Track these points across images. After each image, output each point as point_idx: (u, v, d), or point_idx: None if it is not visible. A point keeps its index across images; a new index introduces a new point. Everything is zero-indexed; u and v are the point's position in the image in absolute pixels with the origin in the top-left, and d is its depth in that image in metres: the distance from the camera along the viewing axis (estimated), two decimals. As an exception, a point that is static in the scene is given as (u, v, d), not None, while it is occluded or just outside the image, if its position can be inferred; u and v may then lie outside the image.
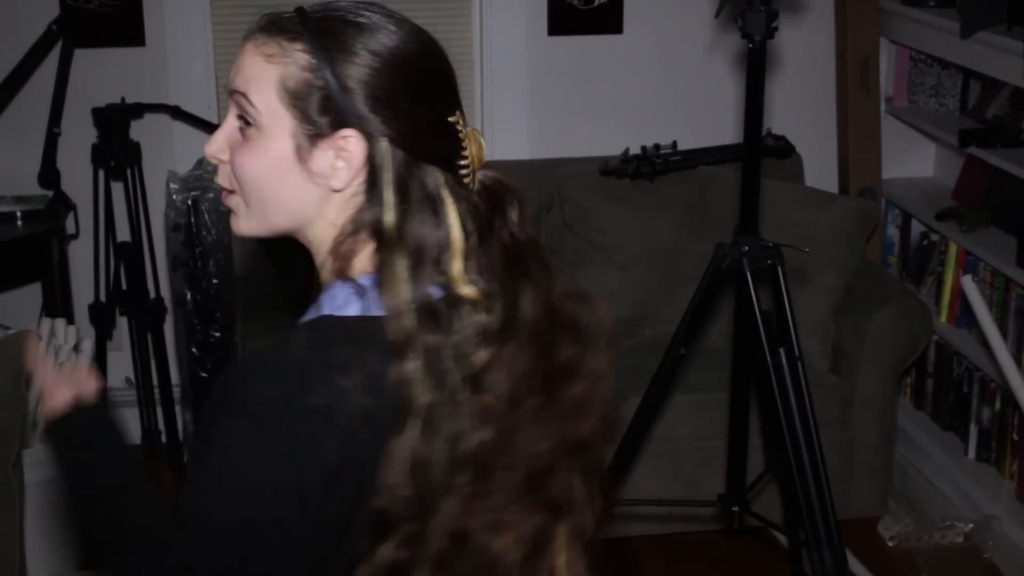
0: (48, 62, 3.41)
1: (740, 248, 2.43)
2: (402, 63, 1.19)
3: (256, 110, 1.22)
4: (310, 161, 1.20)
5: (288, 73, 1.20)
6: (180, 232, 3.04)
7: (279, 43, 1.22)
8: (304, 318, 1.21)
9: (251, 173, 1.22)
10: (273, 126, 1.21)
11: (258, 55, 1.23)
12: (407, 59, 1.20)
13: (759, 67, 2.36)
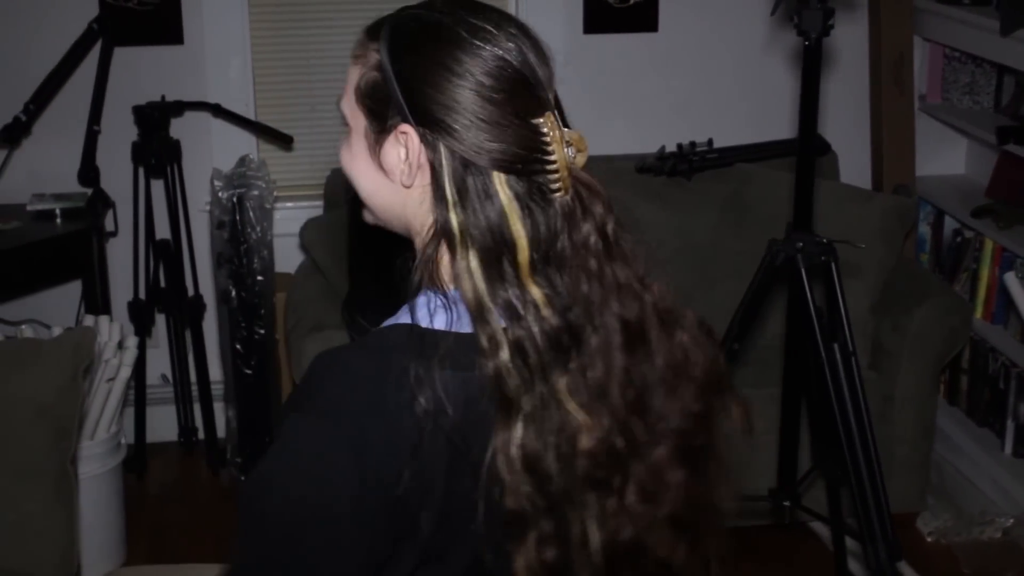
0: (88, 61, 3.43)
1: (794, 244, 2.44)
2: (467, 63, 1.17)
3: (342, 110, 1.25)
4: (380, 157, 1.21)
5: (362, 72, 1.22)
6: (224, 229, 3.05)
7: (363, 43, 1.24)
8: (388, 322, 1.21)
9: (344, 170, 1.26)
10: (355, 125, 1.23)
11: (351, 57, 1.25)
12: (473, 60, 1.17)
13: (815, 65, 2.38)
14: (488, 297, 1.14)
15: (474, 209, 1.15)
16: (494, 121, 1.15)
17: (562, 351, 1.15)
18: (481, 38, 1.17)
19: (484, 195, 1.15)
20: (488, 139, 1.15)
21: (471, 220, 1.14)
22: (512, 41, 1.18)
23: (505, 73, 1.17)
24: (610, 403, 1.18)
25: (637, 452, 1.19)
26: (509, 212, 1.15)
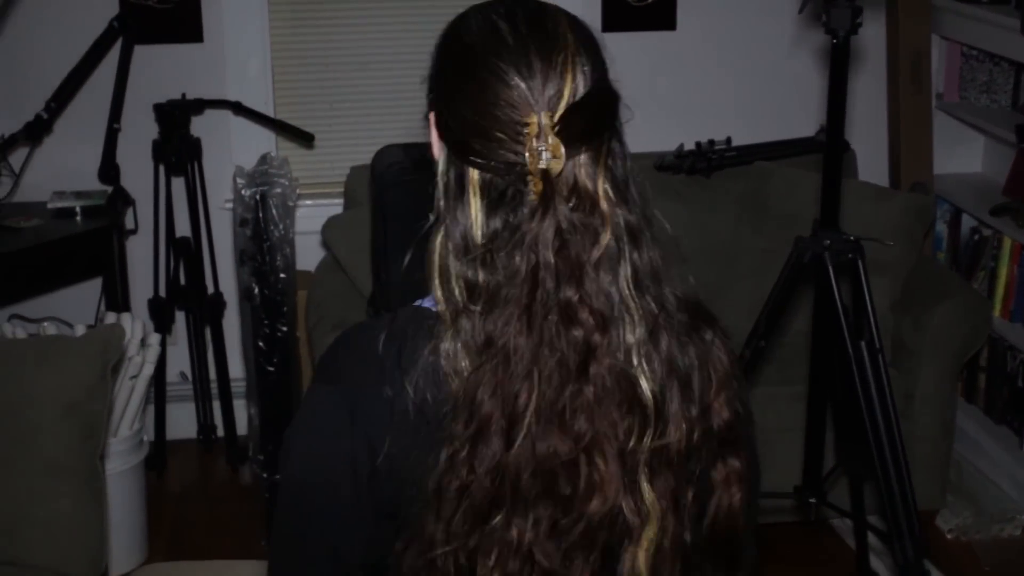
0: (108, 59, 3.43)
1: (822, 242, 2.44)
2: (466, 59, 1.18)
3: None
4: (433, 144, 1.24)
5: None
6: (247, 227, 3.05)
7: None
8: (416, 302, 1.25)
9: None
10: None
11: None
12: (473, 55, 1.17)
13: (843, 62, 2.38)
14: (438, 277, 1.17)
15: (449, 195, 1.18)
16: (478, 123, 1.15)
17: (494, 347, 1.13)
18: (498, 32, 1.17)
19: (457, 184, 1.17)
20: (467, 133, 1.15)
21: (447, 205, 1.18)
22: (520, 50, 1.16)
23: (502, 73, 1.15)
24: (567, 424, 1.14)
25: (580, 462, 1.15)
26: (471, 204, 1.16)
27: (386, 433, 1.16)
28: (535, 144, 1.12)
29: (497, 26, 1.18)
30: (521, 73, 1.14)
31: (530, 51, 1.15)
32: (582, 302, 1.13)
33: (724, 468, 1.23)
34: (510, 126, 1.13)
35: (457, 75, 1.18)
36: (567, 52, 1.15)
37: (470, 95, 1.16)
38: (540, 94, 1.13)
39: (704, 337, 1.23)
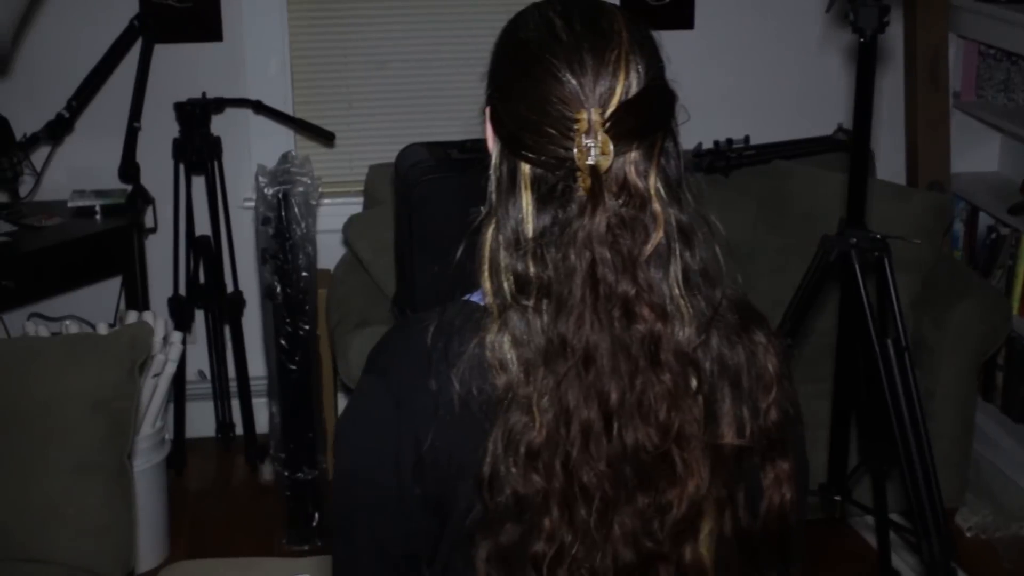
0: (128, 58, 3.44)
1: (848, 240, 2.45)
2: (520, 55, 1.19)
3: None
4: (488, 138, 1.25)
5: None
6: (269, 225, 3.06)
7: None
8: (465, 296, 1.26)
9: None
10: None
11: None
12: (528, 51, 1.18)
13: (870, 61, 2.38)
14: (488, 271, 1.18)
15: (502, 189, 1.19)
16: (530, 118, 1.16)
17: (552, 342, 1.14)
18: (548, 47, 1.18)
19: (511, 182, 1.18)
20: (519, 128, 1.17)
21: (499, 199, 1.19)
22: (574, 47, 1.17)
23: (555, 70, 1.16)
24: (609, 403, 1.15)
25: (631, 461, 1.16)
26: (523, 200, 1.17)
27: (431, 425, 1.17)
28: (584, 140, 1.13)
29: (552, 23, 1.19)
30: (573, 70, 1.15)
31: (583, 48, 1.16)
32: (639, 296, 1.14)
33: (773, 469, 1.24)
34: (561, 122, 1.14)
35: (512, 71, 1.19)
36: (621, 50, 1.16)
37: (523, 91, 1.17)
38: (591, 91, 1.14)
39: (754, 338, 1.23)
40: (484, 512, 1.16)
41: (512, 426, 1.14)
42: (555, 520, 1.14)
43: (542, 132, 1.15)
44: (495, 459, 1.14)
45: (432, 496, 1.20)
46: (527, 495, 1.14)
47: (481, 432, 1.16)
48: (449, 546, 1.21)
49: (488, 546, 1.16)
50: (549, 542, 1.14)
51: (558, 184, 1.16)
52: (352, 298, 3.21)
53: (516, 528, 1.15)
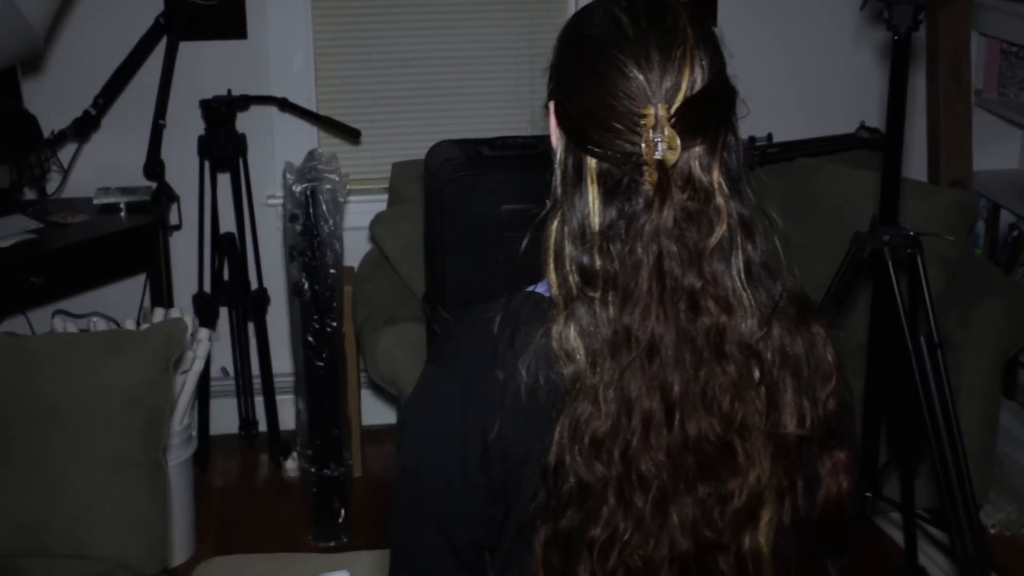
0: (154, 55, 3.45)
1: (881, 237, 2.45)
2: (587, 50, 1.20)
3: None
4: (551, 133, 1.27)
5: None
6: (297, 222, 3.06)
7: None
8: (529, 288, 1.28)
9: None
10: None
11: None
12: (594, 47, 1.20)
13: (903, 59, 2.39)
14: (554, 264, 1.20)
15: (567, 183, 1.21)
16: (597, 113, 1.18)
17: (617, 333, 1.16)
18: (615, 42, 1.19)
19: (576, 176, 1.20)
20: (585, 123, 1.18)
21: (564, 193, 1.21)
22: (640, 43, 1.18)
23: (618, 64, 1.17)
24: (671, 393, 1.16)
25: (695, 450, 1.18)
26: (589, 193, 1.18)
27: (498, 414, 1.19)
28: (651, 135, 1.14)
29: (618, 19, 1.20)
30: (640, 65, 1.16)
31: (650, 44, 1.17)
32: (704, 289, 1.16)
33: (830, 458, 1.26)
34: (627, 117, 1.16)
35: (578, 66, 1.21)
36: (686, 46, 1.17)
37: (590, 85, 1.18)
38: (658, 86, 1.16)
39: (812, 330, 1.25)
40: (547, 499, 1.18)
41: (578, 415, 1.16)
42: (611, 507, 1.16)
43: (608, 127, 1.16)
44: (560, 448, 1.16)
45: (497, 484, 1.21)
46: (590, 482, 1.15)
47: (547, 421, 1.18)
48: (512, 533, 1.23)
49: (548, 531, 1.18)
50: (604, 528, 1.16)
51: (624, 178, 1.17)
52: (379, 295, 3.22)
53: (577, 514, 1.17)
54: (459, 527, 1.24)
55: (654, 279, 1.14)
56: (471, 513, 1.23)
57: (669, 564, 1.17)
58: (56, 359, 2.43)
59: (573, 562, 1.17)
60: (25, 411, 2.38)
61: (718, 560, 1.19)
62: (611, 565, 1.16)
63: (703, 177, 1.17)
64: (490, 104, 3.80)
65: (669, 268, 1.14)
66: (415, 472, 1.26)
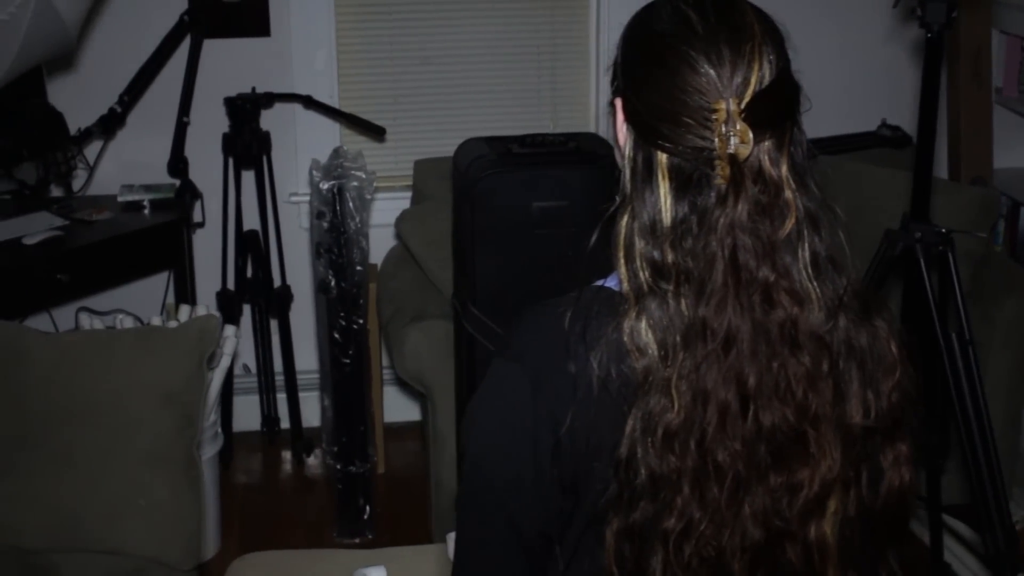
0: (178, 53, 3.45)
1: (912, 234, 2.46)
2: (656, 47, 1.21)
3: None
4: (616, 132, 1.29)
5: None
6: (324, 219, 3.07)
7: None
8: (596, 283, 1.29)
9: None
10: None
11: None
12: (664, 43, 1.20)
13: (937, 56, 2.39)
14: (624, 260, 1.21)
15: (637, 179, 1.22)
16: (667, 108, 1.19)
17: (692, 327, 1.17)
18: (685, 38, 1.20)
19: (647, 171, 1.21)
20: (654, 118, 1.19)
21: (634, 189, 1.22)
22: (710, 38, 1.19)
23: (689, 58, 1.19)
24: (748, 384, 1.18)
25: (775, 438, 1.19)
26: (660, 188, 1.20)
27: (569, 407, 1.20)
28: (724, 129, 1.16)
29: (687, 15, 1.21)
30: (711, 60, 1.18)
31: (720, 40, 1.18)
32: (777, 282, 1.17)
33: (893, 451, 1.28)
34: (699, 112, 1.17)
35: (647, 63, 1.21)
36: (754, 42, 1.19)
37: (660, 82, 1.19)
38: (728, 81, 1.17)
39: (875, 322, 1.26)
40: (619, 491, 1.19)
41: (651, 408, 1.17)
42: (686, 497, 1.17)
43: (679, 122, 1.18)
44: (632, 440, 1.17)
45: (568, 476, 1.22)
46: (663, 474, 1.17)
47: (618, 413, 1.19)
48: (582, 525, 1.24)
49: (620, 523, 1.19)
50: (679, 519, 1.17)
51: (695, 173, 1.18)
52: (404, 292, 3.23)
53: (650, 506, 1.18)
54: (528, 519, 1.25)
55: (729, 272, 1.16)
56: (541, 505, 1.24)
57: (741, 554, 1.18)
58: (91, 356, 2.44)
59: (646, 554, 1.18)
60: (61, 407, 2.39)
61: (786, 550, 1.20)
62: (686, 556, 1.17)
63: (772, 171, 1.19)
64: (511, 102, 3.80)
65: (744, 261, 1.16)
66: (485, 465, 1.27)
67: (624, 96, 1.24)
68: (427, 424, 3.18)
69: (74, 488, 2.37)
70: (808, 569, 1.22)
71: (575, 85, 3.82)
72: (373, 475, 3.33)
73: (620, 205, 1.23)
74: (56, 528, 2.38)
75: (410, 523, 3.36)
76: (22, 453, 2.38)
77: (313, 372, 3.71)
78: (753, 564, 1.19)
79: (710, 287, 1.16)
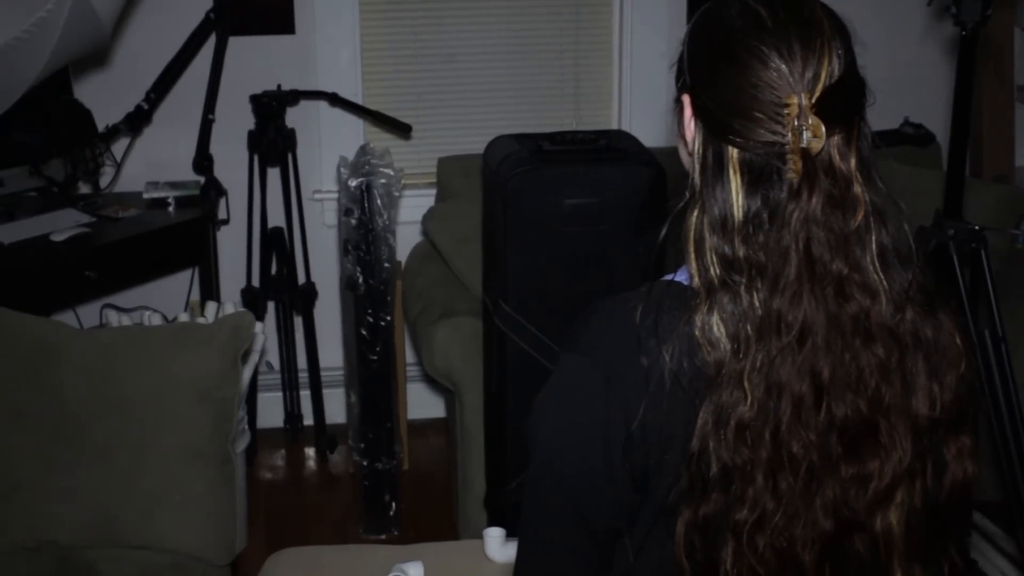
0: (204, 50, 3.46)
1: (946, 232, 2.47)
2: (726, 42, 1.22)
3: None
4: (679, 127, 1.30)
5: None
6: (352, 216, 3.08)
7: None
8: (664, 277, 1.30)
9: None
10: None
11: None
12: (735, 38, 1.21)
13: (971, 54, 2.41)
14: (694, 256, 1.21)
15: (707, 175, 1.22)
16: (738, 103, 1.20)
17: (766, 320, 1.18)
18: (755, 33, 1.21)
19: (717, 167, 1.22)
20: (724, 113, 1.20)
21: (704, 185, 1.22)
22: (780, 33, 1.20)
23: (760, 50, 1.19)
24: (821, 378, 1.18)
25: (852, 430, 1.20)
26: (732, 184, 1.21)
27: (642, 401, 1.21)
28: (796, 124, 1.16)
29: (757, 11, 1.22)
30: (782, 55, 1.18)
31: (791, 34, 1.19)
32: (850, 275, 1.18)
33: (956, 443, 1.28)
34: (770, 107, 1.18)
35: (717, 58, 1.22)
36: (824, 37, 1.20)
37: (730, 77, 1.20)
38: (800, 76, 1.18)
39: (938, 316, 1.27)
40: (689, 484, 1.20)
41: (723, 402, 1.18)
42: (759, 488, 1.18)
43: (751, 117, 1.18)
44: (704, 433, 1.18)
45: (639, 469, 1.23)
46: (736, 466, 1.18)
47: (690, 406, 1.20)
48: (651, 518, 1.25)
49: (691, 515, 1.20)
50: (751, 510, 1.18)
51: (766, 167, 1.19)
52: (431, 289, 3.23)
53: (721, 498, 1.19)
54: (598, 513, 1.26)
55: (804, 265, 1.17)
56: (611, 499, 1.25)
57: (811, 545, 1.19)
58: (128, 352, 2.45)
59: (716, 545, 1.19)
60: (97, 403, 2.40)
61: (855, 541, 1.21)
62: (760, 547, 1.18)
63: (842, 165, 1.20)
64: (534, 99, 3.81)
65: (818, 254, 1.17)
66: (554, 460, 1.27)
67: (692, 92, 1.25)
68: (453, 421, 3.19)
69: (110, 484, 2.38)
70: (874, 560, 1.23)
71: (598, 83, 3.83)
72: (400, 472, 3.33)
73: (689, 201, 1.24)
74: (92, 524, 2.38)
75: (435, 519, 3.37)
76: (59, 449, 2.39)
77: (336, 369, 3.72)
78: (822, 555, 1.20)
79: (783, 280, 1.17)
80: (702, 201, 1.22)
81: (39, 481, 2.38)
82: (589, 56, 3.79)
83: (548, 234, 2.66)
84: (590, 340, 1.27)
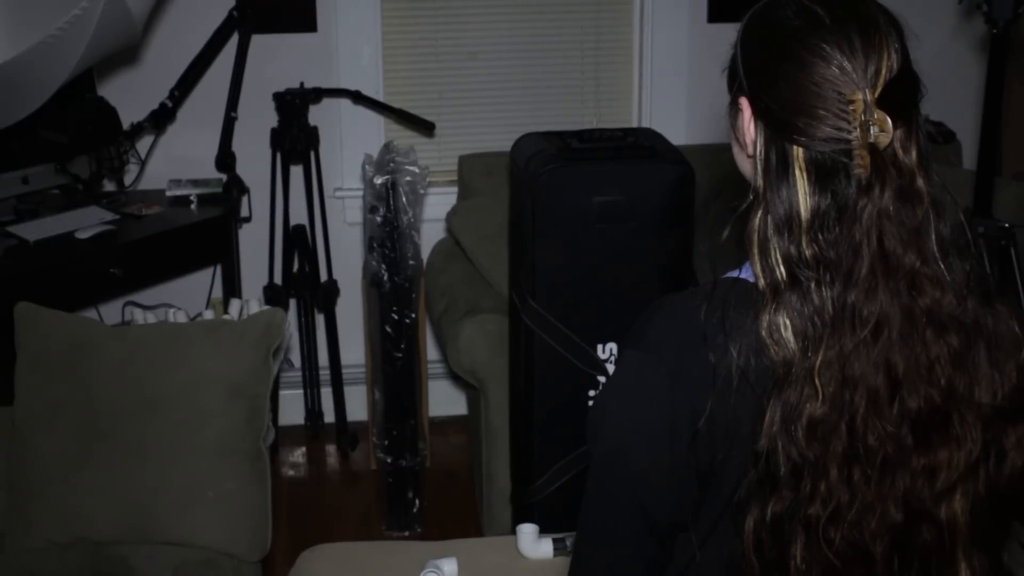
0: (227, 48, 3.47)
1: (975, 229, 2.48)
2: (785, 42, 1.22)
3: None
4: (735, 130, 1.30)
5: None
6: (377, 214, 3.09)
7: None
8: (727, 274, 1.31)
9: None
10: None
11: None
12: (794, 37, 1.22)
13: (1002, 52, 2.41)
14: (759, 255, 1.22)
15: (771, 176, 1.23)
16: (802, 102, 1.20)
17: (839, 316, 1.19)
18: (814, 31, 1.21)
19: (781, 164, 1.22)
20: (792, 116, 1.20)
21: (768, 185, 1.23)
22: (840, 30, 1.21)
23: (821, 48, 1.20)
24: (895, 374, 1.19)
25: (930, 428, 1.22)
26: (798, 183, 1.21)
27: (708, 396, 1.21)
28: (863, 119, 1.17)
29: (813, 10, 1.22)
30: (843, 52, 1.19)
31: (850, 31, 1.20)
32: (921, 268, 1.19)
33: (1015, 432, 1.29)
34: (834, 103, 1.18)
35: (776, 58, 1.22)
36: (881, 32, 1.21)
37: (792, 76, 1.20)
38: (862, 71, 1.19)
39: (996, 305, 1.28)
40: (758, 480, 1.20)
41: (791, 400, 1.18)
42: (832, 482, 1.19)
43: (815, 115, 1.19)
44: (773, 432, 1.19)
45: (704, 465, 1.24)
46: (807, 462, 1.18)
47: (757, 403, 1.20)
48: (716, 513, 1.26)
49: (760, 512, 1.21)
50: (824, 504, 1.19)
51: (832, 164, 1.19)
52: (456, 286, 3.24)
53: (791, 494, 1.19)
54: (662, 508, 1.26)
55: (877, 259, 1.18)
56: (675, 494, 1.25)
57: (882, 536, 1.20)
58: (160, 349, 2.46)
59: (785, 541, 1.20)
60: (130, 400, 2.41)
61: (922, 531, 1.22)
62: (834, 540, 1.18)
63: (906, 159, 1.21)
64: (555, 97, 3.82)
65: (891, 248, 1.18)
66: (619, 455, 1.27)
67: (751, 94, 1.25)
68: (478, 418, 3.19)
69: (144, 480, 2.39)
70: (940, 550, 1.24)
71: (618, 81, 3.83)
72: (423, 469, 3.34)
73: (752, 202, 1.24)
74: (126, 520, 2.39)
75: (458, 516, 3.38)
76: (93, 445, 2.40)
77: (356, 366, 3.73)
78: (892, 546, 1.21)
79: (856, 276, 1.18)
80: (766, 202, 1.22)
81: (72, 478, 2.39)
82: (609, 54, 3.80)
83: (577, 231, 2.66)
84: (656, 337, 1.27)
